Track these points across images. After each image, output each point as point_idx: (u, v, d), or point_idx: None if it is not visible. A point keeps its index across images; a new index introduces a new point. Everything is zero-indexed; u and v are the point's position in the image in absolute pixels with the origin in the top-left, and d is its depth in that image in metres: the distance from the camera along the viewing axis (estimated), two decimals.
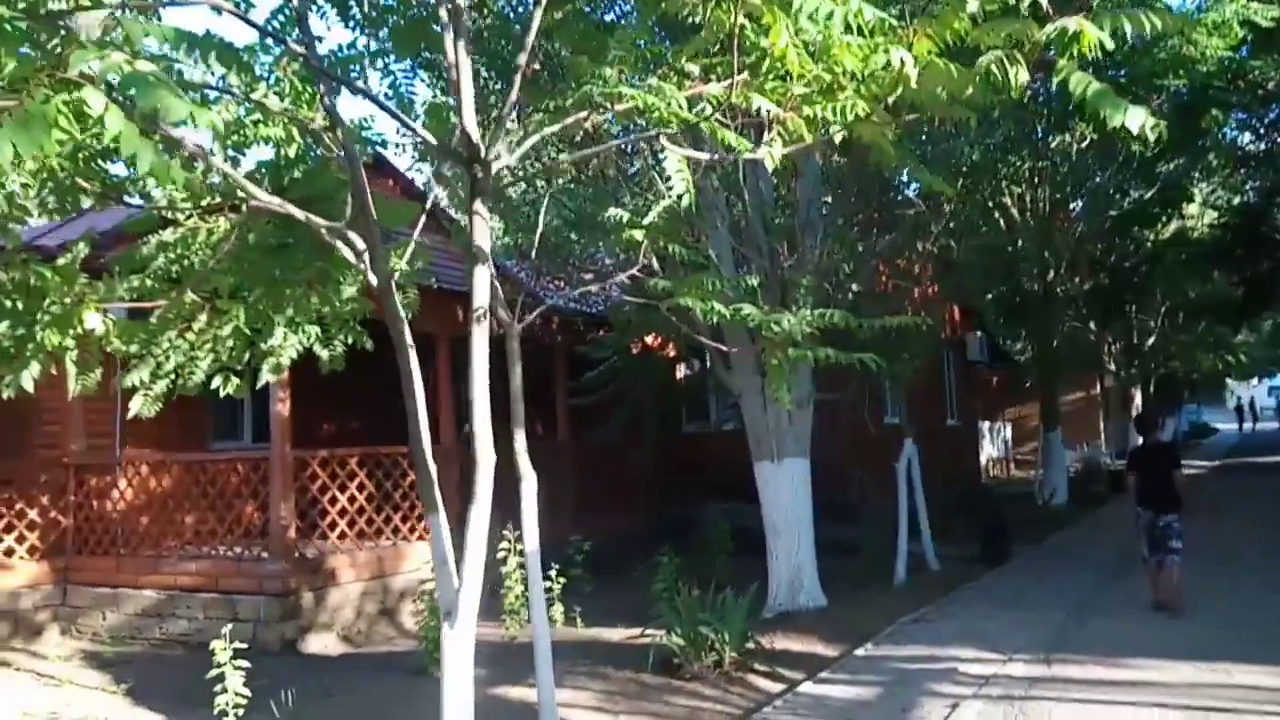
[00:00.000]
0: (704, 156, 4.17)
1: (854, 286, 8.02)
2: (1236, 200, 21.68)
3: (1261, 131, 18.24)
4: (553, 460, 12.02)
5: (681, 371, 14.26)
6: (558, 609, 8.29)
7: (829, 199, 8.24)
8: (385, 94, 4.48)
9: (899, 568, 9.95)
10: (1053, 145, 13.67)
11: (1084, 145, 13.48)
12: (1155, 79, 11.82)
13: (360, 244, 4.05)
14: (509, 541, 8.31)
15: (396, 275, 4.42)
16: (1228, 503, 16.37)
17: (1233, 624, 7.17)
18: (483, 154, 3.92)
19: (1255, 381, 60.03)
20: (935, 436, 16.97)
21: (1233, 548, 11.11)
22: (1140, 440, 8.74)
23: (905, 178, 7.83)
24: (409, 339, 4.10)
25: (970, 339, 18.81)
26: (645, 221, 5.09)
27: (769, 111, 3.36)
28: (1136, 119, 3.09)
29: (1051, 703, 5.45)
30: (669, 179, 3.92)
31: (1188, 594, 7.82)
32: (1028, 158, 12.16)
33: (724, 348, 7.04)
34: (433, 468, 4.10)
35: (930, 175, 5.39)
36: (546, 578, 8.34)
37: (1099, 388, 27.52)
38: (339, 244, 4.19)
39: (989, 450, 27.30)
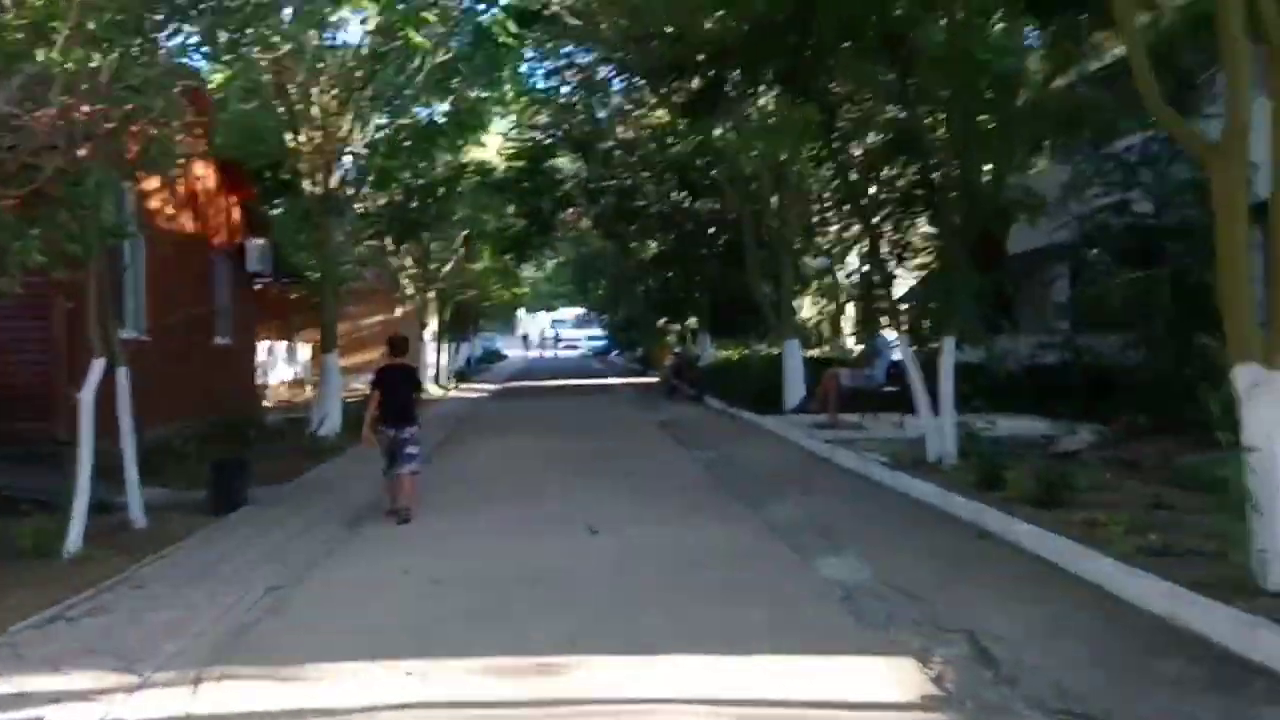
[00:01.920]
0: None
1: None
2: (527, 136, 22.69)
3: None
4: None
5: None
6: None
7: None
8: None
9: (73, 534, 7.31)
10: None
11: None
12: None
13: None
14: None
15: None
16: (501, 425, 16.76)
17: (480, 586, 6.16)
18: None
19: (544, 314, 68.85)
20: (199, 356, 14.39)
21: (490, 479, 10.74)
22: (388, 361, 8.93)
23: None
24: None
25: (251, 246, 16.29)
26: None
27: None
28: None
29: None
30: None
31: (422, 509, 8.43)
32: None
33: None
34: None
35: None
36: None
37: (400, 311, 27.31)
38: None
39: (283, 373, 25.38)
